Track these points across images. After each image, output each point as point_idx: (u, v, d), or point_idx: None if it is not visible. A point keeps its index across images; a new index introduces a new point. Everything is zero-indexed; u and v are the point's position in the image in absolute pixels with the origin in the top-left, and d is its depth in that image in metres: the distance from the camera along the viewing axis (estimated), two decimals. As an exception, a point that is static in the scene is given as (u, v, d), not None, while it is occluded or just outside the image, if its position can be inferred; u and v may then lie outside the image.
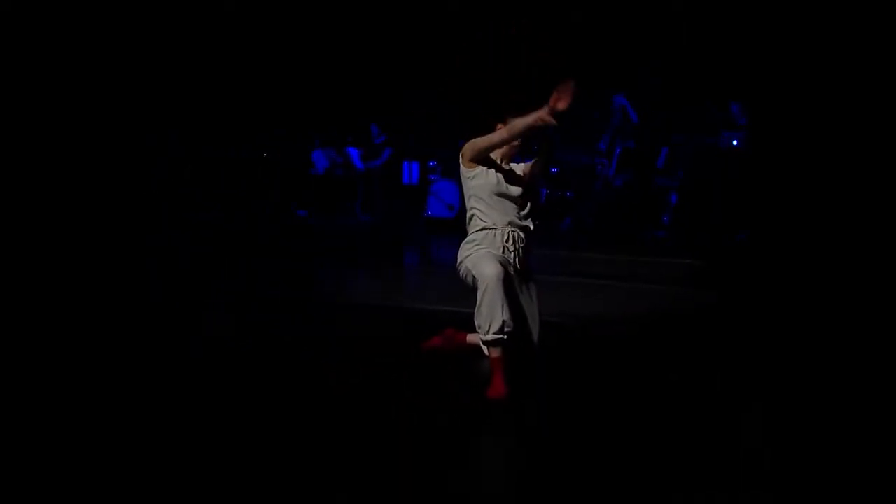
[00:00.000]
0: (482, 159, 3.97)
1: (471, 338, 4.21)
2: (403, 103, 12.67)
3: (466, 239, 4.04)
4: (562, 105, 3.62)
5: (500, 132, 3.91)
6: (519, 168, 4.12)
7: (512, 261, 3.98)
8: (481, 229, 3.98)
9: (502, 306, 3.69)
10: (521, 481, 2.87)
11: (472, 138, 3.99)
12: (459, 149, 4.05)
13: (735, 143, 10.17)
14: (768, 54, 10.44)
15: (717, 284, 6.95)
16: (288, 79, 12.74)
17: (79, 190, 9.86)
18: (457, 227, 10.90)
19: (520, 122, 3.80)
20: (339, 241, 10.43)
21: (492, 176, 3.98)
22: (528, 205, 4.07)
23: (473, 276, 3.84)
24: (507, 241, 3.97)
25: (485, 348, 3.84)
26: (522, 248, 4.02)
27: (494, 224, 3.97)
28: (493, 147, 3.94)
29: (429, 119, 12.50)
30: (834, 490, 2.75)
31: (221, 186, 11.69)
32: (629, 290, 6.56)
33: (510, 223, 3.99)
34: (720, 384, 3.99)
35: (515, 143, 4.00)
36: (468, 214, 4.07)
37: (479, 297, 3.75)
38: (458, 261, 4.00)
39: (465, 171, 4.02)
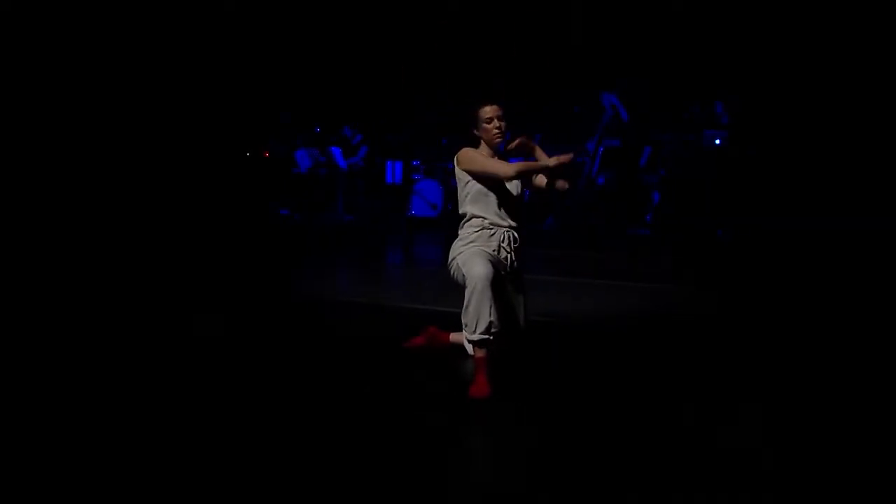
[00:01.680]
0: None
1: (454, 337, 4.19)
2: (387, 104, 12.67)
3: (459, 237, 4.01)
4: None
5: (502, 166, 3.89)
6: None
7: (506, 261, 3.96)
8: (479, 229, 3.95)
9: (490, 306, 3.67)
10: (506, 480, 2.84)
11: (461, 143, 4.00)
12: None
13: (718, 141, 10.22)
14: (753, 55, 10.50)
15: (700, 280, 6.98)
16: (273, 78, 12.71)
17: (65, 190, 9.80)
18: (440, 226, 10.98)
19: (524, 166, 3.94)
20: (322, 239, 10.39)
21: (490, 178, 3.96)
22: (520, 204, 4.07)
23: (463, 275, 3.81)
24: (503, 241, 3.96)
25: (469, 347, 3.82)
26: (516, 248, 4.01)
27: (492, 224, 3.95)
28: (487, 174, 3.91)
29: (412, 119, 12.51)
30: (833, 487, 2.75)
31: (206, 185, 11.62)
32: (614, 288, 6.56)
33: (507, 223, 3.98)
34: (709, 379, 3.98)
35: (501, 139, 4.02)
36: (465, 217, 4.01)
37: (467, 296, 3.73)
38: (450, 258, 3.97)
39: (461, 173, 3.98)
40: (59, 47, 10.38)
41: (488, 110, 3.96)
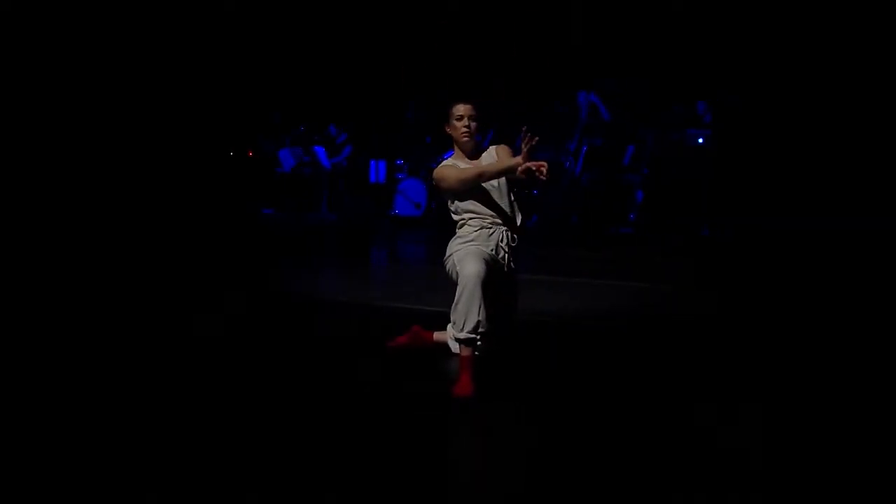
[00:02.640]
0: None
1: (437, 336, 4.18)
2: (382, 104, 12.66)
3: (458, 235, 4.00)
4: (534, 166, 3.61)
5: (472, 171, 3.87)
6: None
7: (504, 260, 3.96)
8: (478, 228, 3.94)
9: (479, 306, 3.65)
10: (488, 481, 2.84)
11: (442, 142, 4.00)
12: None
13: (700, 140, 10.26)
14: (736, 54, 10.54)
15: (686, 279, 7.00)
16: (256, 78, 12.66)
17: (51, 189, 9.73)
18: (424, 225, 10.96)
19: (493, 168, 3.82)
20: (305, 238, 10.35)
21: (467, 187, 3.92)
22: (516, 202, 4.05)
23: (456, 272, 3.80)
24: (501, 240, 3.96)
25: (454, 346, 3.81)
26: (514, 247, 4.01)
27: (492, 224, 3.95)
28: (459, 183, 3.89)
29: (410, 119, 12.51)
30: (832, 487, 2.75)
31: (190, 185, 11.56)
32: (596, 286, 6.57)
33: (504, 221, 3.97)
34: (699, 376, 3.99)
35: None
36: (459, 221, 4.01)
37: (457, 294, 3.71)
38: (447, 254, 3.96)
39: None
40: (44, 46, 10.30)
41: (460, 108, 3.97)
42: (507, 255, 3.98)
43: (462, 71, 11.80)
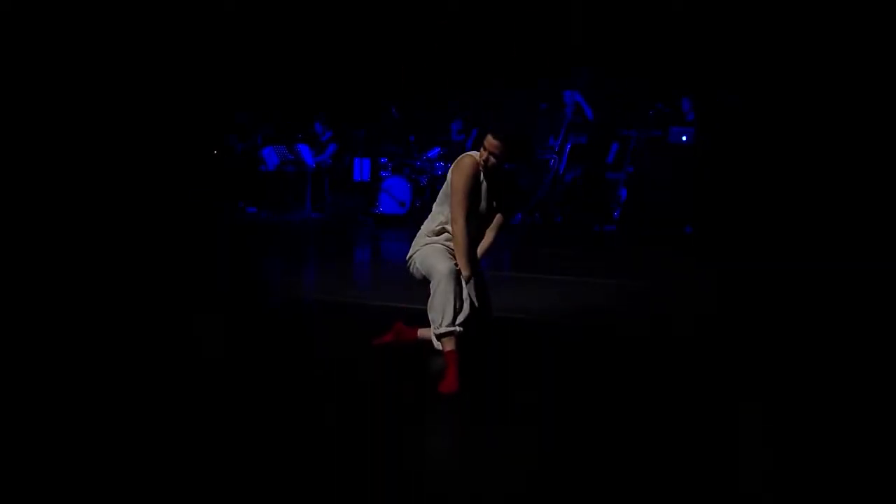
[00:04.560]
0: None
1: (422, 332, 4.17)
2: (356, 101, 12.64)
3: (424, 231, 4.02)
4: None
5: (458, 220, 3.81)
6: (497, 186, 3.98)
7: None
8: (448, 240, 3.95)
9: (455, 300, 3.71)
10: (475, 478, 2.83)
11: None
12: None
13: (685, 138, 10.29)
14: (720, 52, 10.59)
15: (667, 276, 7.02)
16: (240, 76, 12.62)
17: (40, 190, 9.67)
18: (408, 223, 10.95)
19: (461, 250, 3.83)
20: (289, 237, 10.32)
21: (478, 196, 3.91)
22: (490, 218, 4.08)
23: (420, 270, 3.85)
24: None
25: (437, 343, 3.80)
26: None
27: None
28: (453, 202, 3.83)
29: (382, 116, 12.51)
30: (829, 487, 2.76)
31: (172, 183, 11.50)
32: (581, 284, 6.58)
33: (474, 233, 3.97)
34: (685, 375, 4.00)
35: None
36: (439, 219, 3.99)
37: (432, 291, 3.76)
38: (409, 254, 4.00)
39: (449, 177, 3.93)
40: (20, 45, 10.22)
41: (491, 142, 3.80)
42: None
43: (460, 70, 11.83)
